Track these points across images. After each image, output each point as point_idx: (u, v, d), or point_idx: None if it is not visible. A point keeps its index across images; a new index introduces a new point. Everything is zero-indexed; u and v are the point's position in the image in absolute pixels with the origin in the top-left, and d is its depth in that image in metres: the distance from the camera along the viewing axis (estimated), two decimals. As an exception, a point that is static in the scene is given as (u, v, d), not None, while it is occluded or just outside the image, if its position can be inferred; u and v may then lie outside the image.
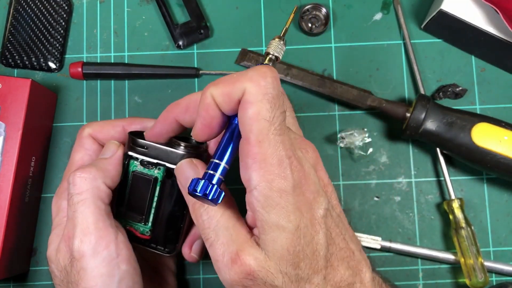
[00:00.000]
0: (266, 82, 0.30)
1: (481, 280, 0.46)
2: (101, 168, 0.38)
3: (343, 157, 0.51)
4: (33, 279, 0.50)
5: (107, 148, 0.41)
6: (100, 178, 0.37)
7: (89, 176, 0.37)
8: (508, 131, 0.46)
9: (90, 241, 0.35)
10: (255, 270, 0.30)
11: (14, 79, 0.46)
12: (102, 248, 0.35)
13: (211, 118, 0.32)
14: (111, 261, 0.35)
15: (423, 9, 0.53)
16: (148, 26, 0.54)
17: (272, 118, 0.30)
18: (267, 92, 0.30)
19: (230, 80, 0.31)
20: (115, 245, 0.36)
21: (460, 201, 0.48)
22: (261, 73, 0.30)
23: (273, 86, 0.30)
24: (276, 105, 0.30)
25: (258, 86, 0.30)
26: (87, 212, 0.36)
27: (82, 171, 0.37)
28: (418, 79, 0.51)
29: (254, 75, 0.30)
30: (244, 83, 0.30)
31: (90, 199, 0.36)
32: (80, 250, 0.35)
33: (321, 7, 0.52)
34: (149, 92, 0.53)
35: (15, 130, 0.46)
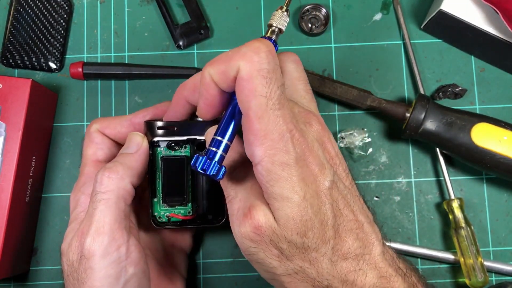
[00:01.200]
0: (260, 57, 0.30)
1: (480, 280, 0.46)
2: (128, 166, 0.37)
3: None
4: (34, 279, 0.50)
5: (131, 141, 0.39)
6: (128, 177, 0.37)
7: (117, 176, 0.37)
8: (507, 131, 0.46)
9: (102, 241, 0.35)
10: (263, 226, 0.31)
11: (14, 79, 0.46)
12: (113, 249, 0.35)
13: (212, 97, 0.33)
14: (120, 263, 0.35)
15: (423, 9, 0.53)
16: (148, 26, 0.54)
17: (269, 93, 0.30)
18: (262, 68, 0.30)
19: (224, 58, 0.31)
20: (126, 247, 0.36)
21: (460, 201, 0.48)
22: (254, 48, 0.30)
23: (268, 60, 0.30)
24: (272, 79, 0.30)
25: (251, 63, 0.30)
26: (107, 211, 0.36)
27: (110, 171, 0.37)
28: (417, 79, 0.51)
29: (247, 51, 0.30)
30: (237, 60, 0.30)
31: (112, 199, 0.36)
32: (91, 249, 0.35)
33: (321, 7, 0.52)
34: (149, 92, 0.53)
35: (15, 130, 0.46)
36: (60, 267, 0.50)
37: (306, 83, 0.38)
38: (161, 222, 0.41)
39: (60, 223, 0.51)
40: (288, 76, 0.38)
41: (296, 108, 0.34)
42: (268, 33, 0.35)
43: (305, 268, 0.32)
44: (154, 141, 0.39)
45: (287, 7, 0.35)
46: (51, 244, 0.51)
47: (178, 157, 0.39)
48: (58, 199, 0.51)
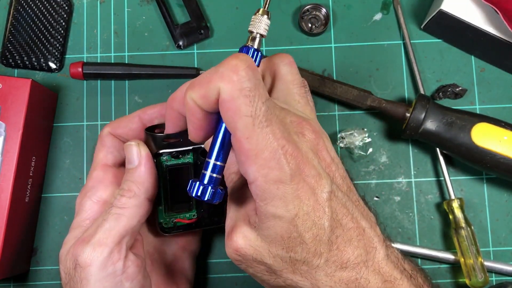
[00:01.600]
0: (239, 76, 0.28)
1: (481, 280, 0.46)
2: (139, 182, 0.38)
3: (343, 157, 0.51)
4: (34, 279, 0.50)
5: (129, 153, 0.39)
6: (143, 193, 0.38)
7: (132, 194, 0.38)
8: (508, 131, 0.46)
9: (102, 252, 0.35)
10: (242, 248, 0.31)
11: (14, 79, 0.46)
12: (111, 262, 0.35)
13: (199, 120, 0.31)
14: (116, 277, 0.35)
15: (423, 9, 0.53)
16: (148, 26, 0.54)
17: (254, 112, 0.28)
18: (243, 87, 0.28)
19: (203, 80, 0.29)
20: (123, 262, 0.36)
21: (460, 201, 0.48)
22: (231, 67, 0.29)
23: (248, 78, 0.28)
24: (256, 96, 0.29)
25: (231, 83, 0.28)
26: (116, 226, 0.36)
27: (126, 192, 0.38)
28: (418, 79, 0.51)
29: (224, 71, 0.29)
30: (216, 82, 0.29)
31: (126, 216, 0.37)
32: (88, 258, 0.35)
33: (321, 7, 0.52)
34: (149, 92, 0.53)
35: (15, 130, 0.46)
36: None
37: (300, 86, 0.37)
38: (168, 228, 0.41)
39: (60, 223, 0.51)
40: (282, 79, 0.37)
41: (288, 117, 0.33)
42: (249, 41, 0.33)
43: (297, 281, 0.32)
44: (159, 152, 0.39)
45: (266, 9, 0.33)
46: (51, 244, 0.51)
47: (183, 165, 0.39)
48: (58, 199, 0.51)
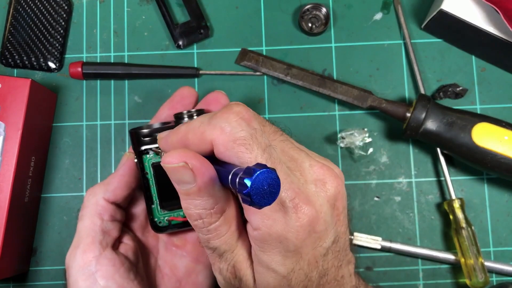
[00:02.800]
0: (232, 127, 0.27)
1: (481, 280, 0.46)
2: (104, 182, 0.40)
3: (343, 157, 0.51)
4: (33, 279, 0.50)
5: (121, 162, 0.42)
6: (100, 193, 0.39)
7: (91, 192, 0.40)
8: (508, 131, 0.46)
9: (75, 254, 0.37)
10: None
11: (14, 79, 0.46)
12: (83, 262, 0.37)
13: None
14: (90, 276, 0.37)
15: (423, 9, 0.53)
16: (148, 26, 0.54)
17: (254, 159, 0.27)
18: (236, 138, 0.27)
19: (197, 132, 0.28)
20: (96, 261, 0.37)
21: (461, 201, 0.48)
22: (224, 119, 0.28)
23: (241, 128, 0.27)
24: (254, 145, 0.27)
25: (223, 135, 0.27)
26: (82, 227, 0.38)
27: (89, 189, 0.40)
28: (418, 79, 0.51)
29: (217, 123, 0.28)
30: (209, 135, 0.28)
31: (87, 215, 0.39)
32: (67, 261, 0.38)
33: (321, 7, 0.52)
34: (149, 92, 0.53)
35: (14, 130, 0.46)
36: (59, 268, 0.50)
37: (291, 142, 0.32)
38: (162, 227, 0.41)
39: (59, 223, 0.51)
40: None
41: (307, 161, 0.30)
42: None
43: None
44: (142, 149, 0.40)
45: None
46: (50, 244, 0.51)
47: None
48: (57, 199, 0.51)
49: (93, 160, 0.52)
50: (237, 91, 0.52)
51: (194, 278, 0.43)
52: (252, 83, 0.52)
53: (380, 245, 0.49)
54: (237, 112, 0.28)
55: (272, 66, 0.51)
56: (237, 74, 0.52)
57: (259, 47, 0.53)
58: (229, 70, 0.52)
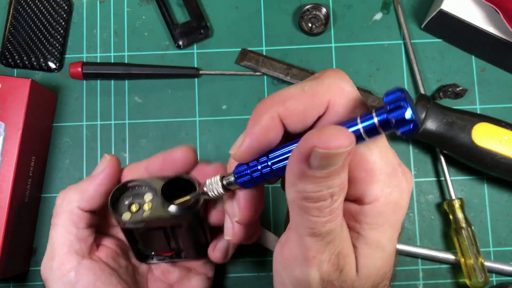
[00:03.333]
0: (351, 86, 0.26)
1: (481, 280, 0.46)
2: (79, 189, 0.37)
3: (343, 157, 0.51)
4: (33, 279, 0.50)
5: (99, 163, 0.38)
6: (76, 201, 0.37)
7: (66, 198, 0.37)
8: (508, 131, 0.46)
9: (51, 266, 0.36)
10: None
11: (14, 79, 0.46)
12: (62, 274, 0.36)
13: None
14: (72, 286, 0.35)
15: (423, 9, 0.53)
16: (148, 26, 0.54)
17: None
18: (356, 98, 0.26)
19: (304, 94, 0.25)
20: (75, 271, 0.36)
21: (461, 201, 0.48)
22: (338, 78, 0.26)
23: (354, 88, 0.26)
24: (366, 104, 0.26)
25: (344, 95, 0.25)
26: (56, 236, 0.36)
27: (62, 192, 0.37)
28: (418, 79, 0.51)
29: (332, 83, 0.25)
30: (324, 96, 0.25)
31: (61, 224, 0.36)
32: (43, 274, 0.36)
33: (321, 7, 0.52)
34: (149, 92, 0.53)
35: (15, 130, 0.46)
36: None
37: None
38: (145, 256, 0.41)
39: (60, 223, 0.51)
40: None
41: (399, 169, 0.28)
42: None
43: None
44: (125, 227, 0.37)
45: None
46: (50, 244, 0.51)
47: (156, 228, 0.37)
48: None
49: (93, 160, 0.52)
50: (237, 91, 0.52)
51: (186, 283, 0.43)
52: (252, 83, 0.52)
53: (380, 245, 0.49)
54: (344, 74, 0.26)
55: (272, 66, 0.51)
56: (237, 74, 0.52)
57: (259, 47, 0.53)
58: (229, 70, 0.52)
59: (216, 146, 0.51)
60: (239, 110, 0.52)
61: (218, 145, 0.51)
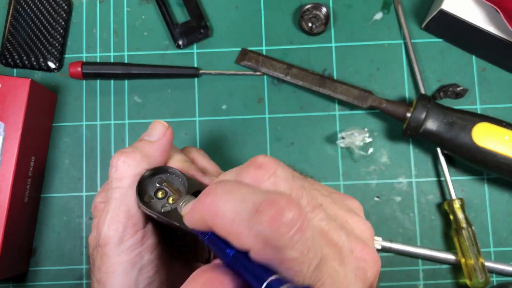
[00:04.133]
0: (282, 244, 0.21)
1: (481, 281, 0.46)
2: (146, 154, 0.35)
3: (343, 157, 0.51)
4: (33, 279, 0.50)
5: (154, 128, 0.36)
6: (145, 165, 0.34)
7: (133, 162, 0.34)
8: (508, 131, 0.46)
9: (117, 228, 0.33)
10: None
11: (13, 79, 0.46)
12: (129, 236, 0.34)
13: None
14: (135, 249, 0.34)
15: (423, 8, 0.53)
16: (148, 26, 0.53)
17: (303, 281, 0.22)
18: (285, 258, 0.22)
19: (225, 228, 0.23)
20: (142, 233, 0.34)
21: (461, 201, 0.48)
22: (271, 230, 0.21)
23: (293, 244, 0.22)
24: (306, 264, 0.22)
25: (267, 250, 0.22)
26: (122, 199, 0.34)
27: (127, 155, 0.34)
28: (418, 79, 0.51)
29: (261, 232, 0.21)
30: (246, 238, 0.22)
31: (128, 187, 0.34)
32: (106, 237, 0.34)
33: (322, 6, 0.52)
34: (149, 92, 0.52)
35: (14, 130, 0.46)
36: (59, 268, 0.50)
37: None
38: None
39: (59, 224, 0.51)
40: None
41: (347, 244, 0.26)
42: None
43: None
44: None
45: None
46: (50, 244, 0.51)
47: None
48: (57, 199, 0.51)
49: (93, 160, 0.52)
50: (237, 91, 0.52)
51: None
52: (252, 83, 0.52)
53: (381, 245, 0.49)
54: (289, 221, 0.21)
55: (272, 66, 0.51)
56: (237, 74, 0.52)
57: (259, 47, 0.53)
58: (229, 70, 0.52)
59: (216, 146, 0.51)
60: (239, 110, 0.52)
61: (218, 145, 0.51)
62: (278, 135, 0.51)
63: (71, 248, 0.51)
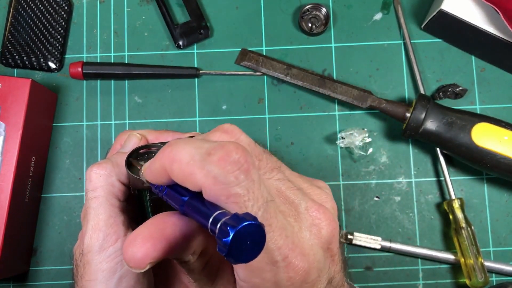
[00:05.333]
0: (227, 180, 0.24)
1: (481, 280, 0.46)
2: (117, 164, 0.37)
3: (343, 157, 0.51)
4: (33, 279, 0.50)
5: (128, 140, 0.39)
6: (115, 174, 0.36)
7: (105, 172, 0.36)
8: (508, 131, 0.46)
9: (98, 237, 0.35)
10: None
11: (14, 79, 0.46)
12: (109, 244, 0.35)
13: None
14: (116, 257, 0.35)
15: (423, 9, 0.53)
16: (148, 26, 0.54)
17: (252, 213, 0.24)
18: (230, 194, 0.24)
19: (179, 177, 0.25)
20: (122, 241, 0.35)
21: (460, 201, 0.48)
22: (218, 167, 0.24)
23: (238, 181, 0.24)
24: (251, 200, 0.24)
25: (216, 186, 0.24)
26: (100, 208, 0.35)
27: (98, 167, 0.36)
28: (418, 79, 0.51)
29: (210, 171, 0.24)
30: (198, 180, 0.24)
31: (103, 196, 0.36)
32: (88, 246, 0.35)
33: (321, 7, 0.52)
34: (149, 92, 0.53)
35: (15, 130, 0.46)
36: (59, 268, 0.50)
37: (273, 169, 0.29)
38: None
39: (60, 223, 0.51)
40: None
41: (303, 203, 0.28)
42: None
43: None
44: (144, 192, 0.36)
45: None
46: (50, 244, 0.51)
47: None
48: (57, 199, 0.51)
49: (93, 160, 0.52)
50: (237, 91, 0.52)
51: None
52: (252, 83, 0.52)
53: (380, 245, 0.49)
54: (235, 161, 0.24)
55: (272, 66, 0.51)
56: (237, 74, 0.52)
57: (259, 47, 0.53)
58: (229, 70, 0.52)
59: (216, 146, 0.51)
60: (239, 110, 0.52)
61: (218, 145, 0.52)
62: (278, 135, 0.52)
63: (71, 248, 0.50)
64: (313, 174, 0.51)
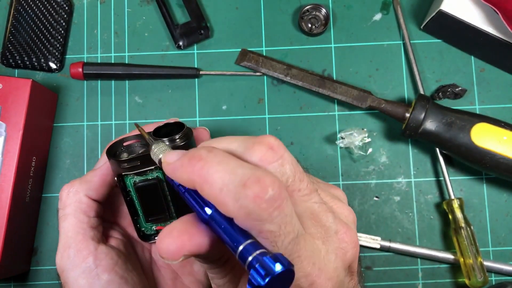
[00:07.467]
0: (260, 216, 0.23)
1: (480, 280, 0.46)
2: (85, 180, 0.38)
3: (342, 157, 0.51)
4: (34, 279, 0.50)
5: (101, 159, 0.40)
6: (83, 191, 0.38)
7: (72, 190, 0.38)
8: (507, 131, 0.46)
9: (68, 255, 0.36)
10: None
11: (14, 79, 0.46)
12: (80, 260, 0.36)
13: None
14: (90, 272, 0.36)
15: (422, 9, 0.53)
16: (148, 27, 0.54)
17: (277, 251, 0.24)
18: (262, 230, 0.23)
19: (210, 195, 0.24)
20: (93, 256, 0.36)
21: (460, 201, 0.48)
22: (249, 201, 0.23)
23: (272, 217, 0.24)
24: (282, 236, 0.24)
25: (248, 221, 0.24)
26: (68, 226, 0.37)
27: (67, 185, 0.38)
28: (417, 79, 0.51)
29: (242, 204, 0.23)
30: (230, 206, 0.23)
31: (71, 213, 0.37)
32: (60, 264, 0.36)
33: (321, 7, 0.52)
34: (149, 92, 0.53)
35: (15, 130, 0.46)
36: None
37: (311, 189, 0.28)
38: (149, 235, 0.40)
39: (60, 223, 0.51)
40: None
41: (333, 226, 0.28)
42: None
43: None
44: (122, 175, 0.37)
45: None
46: (51, 244, 0.51)
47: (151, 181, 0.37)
48: (58, 199, 0.51)
49: (93, 160, 0.52)
50: (237, 91, 0.52)
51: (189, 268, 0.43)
52: (252, 83, 0.53)
53: (380, 244, 0.49)
54: (270, 198, 0.23)
55: (272, 66, 0.51)
56: (237, 74, 0.52)
57: (259, 48, 0.53)
58: (229, 71, 0.53)
59: (216, 146, 0.52)
60: (239, 110, 0.52)
61: (218, 145, 0.52)
62: (278, 135, 0.52)
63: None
64: (313, 174, 0.51)
